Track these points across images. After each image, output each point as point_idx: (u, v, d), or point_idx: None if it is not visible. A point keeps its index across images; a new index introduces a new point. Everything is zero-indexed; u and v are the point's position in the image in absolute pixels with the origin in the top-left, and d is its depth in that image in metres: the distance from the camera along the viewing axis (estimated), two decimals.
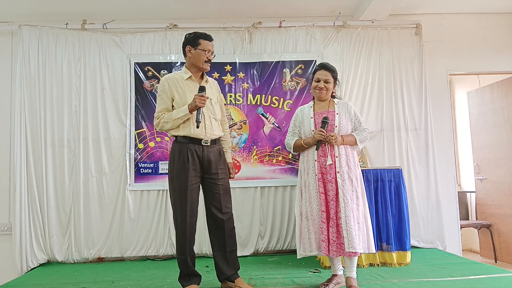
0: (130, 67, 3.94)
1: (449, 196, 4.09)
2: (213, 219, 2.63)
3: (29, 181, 3.71)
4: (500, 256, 4.42)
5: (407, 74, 4.10)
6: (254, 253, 3.83)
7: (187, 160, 2.51)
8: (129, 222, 3.79)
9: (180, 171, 2.52)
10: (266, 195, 3.92)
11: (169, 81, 2.62)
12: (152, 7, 3.92)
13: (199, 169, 2.56)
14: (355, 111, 2.76)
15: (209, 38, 2.62)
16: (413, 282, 2.75)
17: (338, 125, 2.65)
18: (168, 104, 2.60)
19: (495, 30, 4.32)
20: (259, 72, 4.02)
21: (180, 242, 2.56)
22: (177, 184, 2.53)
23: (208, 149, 2.57)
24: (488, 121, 4.62)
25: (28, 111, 3.78)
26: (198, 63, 2.60)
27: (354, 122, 2.73)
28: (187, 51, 2.63)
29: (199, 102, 2.45)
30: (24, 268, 3.57)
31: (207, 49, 2.59)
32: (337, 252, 2.52)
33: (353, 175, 2.60)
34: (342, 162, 2.59)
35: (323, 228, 2.54)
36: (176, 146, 2.59)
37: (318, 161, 2.61)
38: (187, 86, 2.60)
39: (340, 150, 2.61)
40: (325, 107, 2.74)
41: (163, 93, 2.61)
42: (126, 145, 3.86)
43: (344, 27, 4.09)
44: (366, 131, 2.74)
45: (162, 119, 2.57)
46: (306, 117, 2.74)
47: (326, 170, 2.59)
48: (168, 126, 2.56)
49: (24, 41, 3.82)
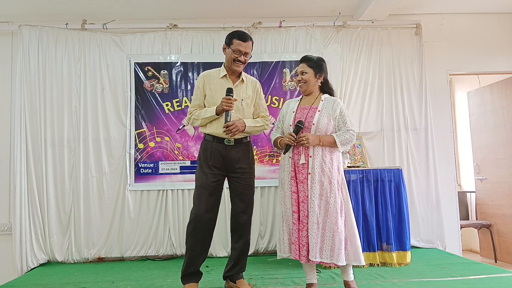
0: (130, 67, 3.94)
1: (449, 196, 4.09)
2: (234, 219, 2.65)
3: (29, 181, 3.72)
4: (500, 256, 4.42)
5: (407, 74, 4.10)
6: (254, 253, 3.83)
7: (209, 158, 2.56)
8: (129, 222, 3.79)
9: (203, 168, 2.57)
10: (266, 195, 3.92)
11: (204, 78, 2.65)
12: (152, 7, 3.92)
13: (223, 167, 2.58)
14: (342, 109, 2.51)
15: (243, 38, 2.56)
16: (413, 282, 2.75)
17: (316, 123, 2.46)
18: (201, 101, 2.64)
19: (495, 30, 4.33)
20: (259, 72, 4.01)
21: (190, 234, 2.53)
22: (199, 181, 2.57)
23: (232, 148, 2.58)
24: (488, 121, 4.62)
25: (28, 111, 3.78)
26: (228, 62, 2.62)
27: (338, 121, 2.49)
28: (223, 49, 2.65)
29: (225, 105, 2.46)
30: (24, 268, 3.57)
31: (236, 49, 2.55)
32: (306, 258, 2.37)
33: (326, 178, 2.40)
34: (315, 163, 2.41)
35: (293, 229, 2.42)
36: (203, 144, 2.65)
37: (292, 159, 2.49)
38: (220, 84, 2.61)
39: (315, 151, 2.43)
40: (310, 102, 2.57)
41: (197, 89, 2.66)
42: (126, 145, 3.86)
43: (344, 27, 4.09)
44: (350, 132, 2.47)
45: (193, 115, 2.63)
46: (290, 111, 2.61)
47: (299, 169, 2.46)
48: (197, 124, 2.63)
49: (24, 41, 3.82)
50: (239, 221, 2.63)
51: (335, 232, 2.36)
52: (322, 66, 2.59)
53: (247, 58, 2.62)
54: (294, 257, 2.41)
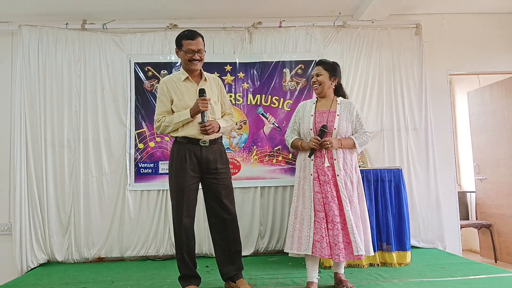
0: (130, 67, 3.94)
1: (449, 196, 4.09)
2: (218, 219, 2.61)
3: (29, 181, 3.71)
4: (500, 256, 4.42)
5: (407, 74, 4.10)
6: (254, 253, 3.83)
7: (184, 161, 2.51)
8: (129, 222, 3.79)
9: (178, 171, 2.53)
10: (266, 195, 3.92)
11: (167, 84, 2.61)
12: (152, 7, 3.92)
13: (198, 169, 2.55)
14: (358, 112, 2.70)
15: (191, 36, 2.55)
16: (413, 282, 2.75)
17: (337, 127, 2.59)
18: (168, 107, 2.60)
19: (495, 30, 4.32)
20: (259, 72, 4.01)
21: (177, 241, 2.57)
22: (175, 184, 2.54)
23: (207, 149, 2.56)
24: (488, 121, 4.62)
25: (28, 111, 3.77)
26: (185, 64, 2.61)
27: (355, 125, 2.67)
28: (176, 53, 2.66)
29: (202, 106, 2.45)
30: (24, 268, 3.57)
31: (188, 49, 2.54)
32: (343, 257, 2.44)
33: (348, 179, 2.56)
34: (339, 165, 2.55)
35: (318, 228, 2.47)
36: (175, 147, 2.59)
37: (315, 161, 2.59)
38: (185, 87, 2.60)
39: (338, 154, 2.57)
40: (327, 105, 2.69)
41: (162, 95, 2.61)
42: (126, 145, 3.86)
43: (344, 27, 4.09)
44: (366, 134, 2.67)
45: (163, 122, 2.57)
46: (307, 114, 2.71)
47: (323, 171, 2.55)
48: (169, 130, 2.57)
49: (24, 41, 3.82)
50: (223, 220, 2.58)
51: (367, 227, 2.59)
52: (337, 70, 2.74)
53: (202, 55, 2.60)
54: (319, 254, 2.44)
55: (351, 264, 3.17)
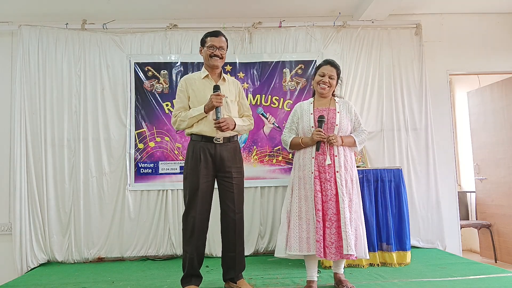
0: (130, 67, 3.94)
1: (449, 196, 4.09)
2: (226, 220, 2.62)
3: (29, 181, 3.72)
4: (500, 256, 4.42)
5: (407, 74, 4.10)
6: (254, 253, 3.83)
7: (199, 159, 2.53)
8: (129, 222, 3.79)
9: (193, 169, 2.54)
10: (266, 195, 3.92)
11: (186, 81, 2.67)
12: (152, 7, 3.92)
13: (212, 167, 2.56)
14: (356, 111, 2.74)
15: (215, 34, 2.63)
16: (413, 282, 2.75)
17: (339, 124, 2.61)
18: (185, 103, 2.63)
19: (495, 30, 4.32)
20: (259, 72, 4.02)
21: (187, 240, 2.55)
22: (189, 182, 2.55)
23: (221, 146, 2.57)
24: (488, 121, 4.62)
25: (28, 111, 3.78)
26: (206, 60, 2.64)
27: (354, 123, 2.71)
28: (200, 52, 2.68)
29: (215, 101, 2.46)
30: (24, 268, 3.57)
31: (210, 45, 2.59)
32: (335, 255, 2.43)
33: (348, 176, 2.57)
34: (340, 162, 2.55)
35: (318, 227, 2.46)
36: (190, 146, 2.62)
37: (316, 159, 2.57)
38: (202, 85, 2.63)
39: (339, 151, 2.58)
40: (326, 104, 2.69)
41: (180, 92, 2.66)
42: (126, 145, 3.86)
43: (344, 27, 4.09)
44: (365, 132, 2.71)
45: (179, 117, 2.61)
46: (306, 113, 2.70)
47: (324, 169, 2.54)
48: (184, 125, 2.60)
49: (24, 41, 3.82)
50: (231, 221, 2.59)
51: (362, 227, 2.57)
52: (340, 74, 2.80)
53: (224, 54, 2.64)
54: (318, 254, 2.42)
55: (351, 264, 3.17)
